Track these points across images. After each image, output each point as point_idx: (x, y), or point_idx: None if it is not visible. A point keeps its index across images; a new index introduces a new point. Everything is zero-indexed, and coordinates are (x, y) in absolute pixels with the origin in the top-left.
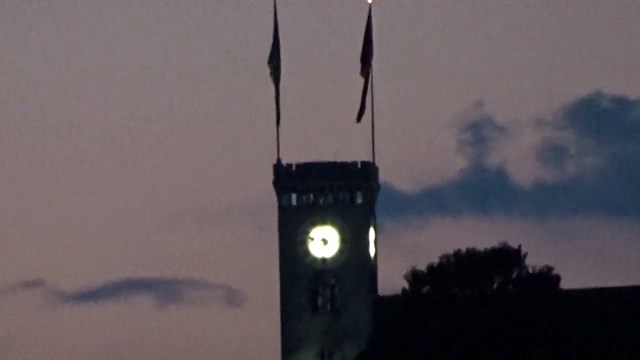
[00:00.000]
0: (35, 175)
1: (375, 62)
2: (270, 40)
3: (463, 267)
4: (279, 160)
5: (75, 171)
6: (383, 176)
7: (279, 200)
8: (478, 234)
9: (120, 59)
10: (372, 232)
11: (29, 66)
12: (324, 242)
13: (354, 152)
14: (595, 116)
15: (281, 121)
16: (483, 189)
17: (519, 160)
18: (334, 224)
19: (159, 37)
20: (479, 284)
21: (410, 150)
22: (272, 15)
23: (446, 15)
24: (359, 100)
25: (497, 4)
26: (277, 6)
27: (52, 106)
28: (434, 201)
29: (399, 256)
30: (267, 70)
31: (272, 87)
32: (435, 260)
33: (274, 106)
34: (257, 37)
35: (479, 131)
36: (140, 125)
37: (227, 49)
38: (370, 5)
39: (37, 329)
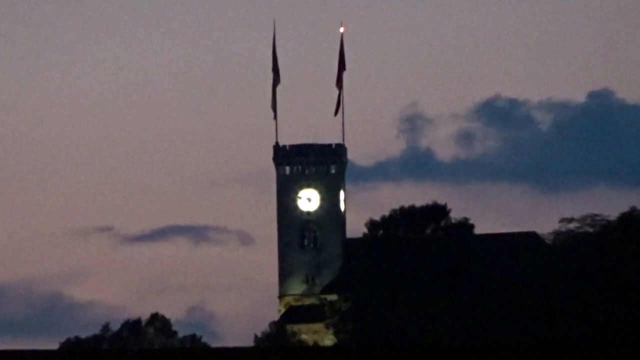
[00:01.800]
0: (107, 152)
1: (346, 75)
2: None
3: (406, 218)
4: (277, 142)
5: (137, 148)
6: (350, 155)
7: (277, 170)
8: (416, 195)
9: (156, 63)
10: (342, 193)
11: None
12: (308, 200)
13: (330, 137)
14: (495, 112)
15: (277, 114)
16: (418, 163)
17: (443, 142)
18: (315, 187)
19: (182, 40)
20: (418, 230)
21: (368, 136)
22: (271, 39)
23: (394, 41)
24: (335, 101)
25: (428, 34)
26: (276, 31)
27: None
28: (384, 172)
29: (360, 210)
30: (269, 76)
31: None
32: (387, 213)
33: (272, 105)
34: (264, 53)
35: (413, 122)
36: (180, 118)
37: (238, 60)
38: (342, 34)
39: (105, 264)
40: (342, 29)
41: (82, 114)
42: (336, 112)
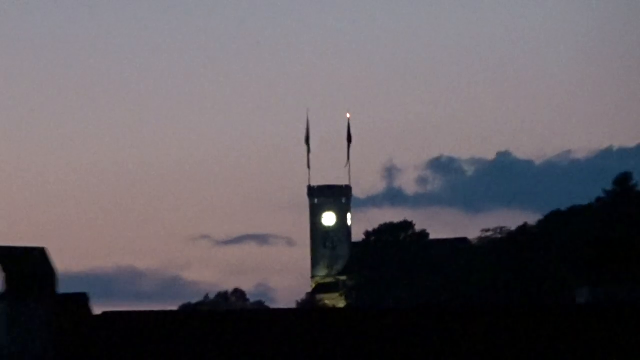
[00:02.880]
0: (208, 186)
1: (352, 146)
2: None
3: (388, 229)
4: (309, 184)
5: (228, 184)
6: (353, 191)
7: (310, 201)
8: (393, 216)
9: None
10: (349, 215)
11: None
12: (329, 219)
13: (342, 180)
14: (440, 165)
15: (310, 167)
16: (393, 196)
17: (408, 183)
18: (333, 211)
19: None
20: (395, 237)
21: (364, 180)
22: (305, 126)
23: (378, 122)
24: (345, 159)
25: (402, 116)
26: (309, 116)
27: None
28: (373, 202)
29: (360, 225)
30: (304, 147)
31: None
32: (376, 226)
33: (307, 161)
34: (300, 133)
35: (390, 171)
36: (256, 169)
37: (289, 141)
38: (348, 118)
39: (205, 258)
40: (348, 115)
41: (192, 163)
42: (346, 166)
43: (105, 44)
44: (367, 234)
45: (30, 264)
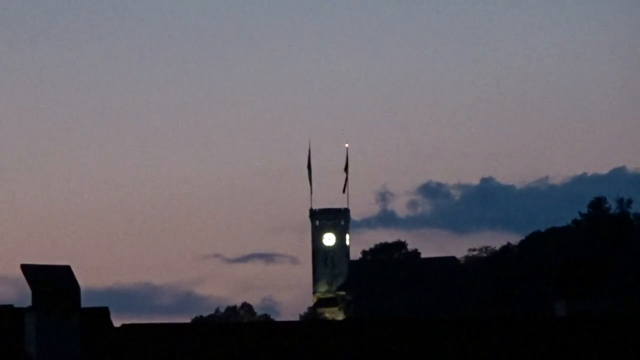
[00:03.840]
0: (219, 211)
1: (350, 171)
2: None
3: (382, 249)
4: (311, 207)
5: (240, 212)
6: (351, 214)
7: (312, 223)
8: (387, 237)
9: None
10: (347, 236)
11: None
12: (329, 239)
13: (341, 203)
14: (429, 190)
15: (312, 192)
16: (387, 219)
17: (401, 207)
18: (333, 232)
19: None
20: (390, 255)
21: (361, 204)
22: (307, 151)
23: (374, 150)
24: (343, 185)
25: (395, 146)
26: (311, 146)
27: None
28: (369, 224)
29: (358, 245)
30: (305, 173)
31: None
32: (372, 246)
33: (309, 186)
34: (302, 162)
35: (384, 196)
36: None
37: (289, 167)
38: (347, 148)
39: (216, 275)
40: (347, 145)
41: (205, 189)
42: (344, 191)
43: (130, 75)
44: (364, 253)
45: (55, 281)
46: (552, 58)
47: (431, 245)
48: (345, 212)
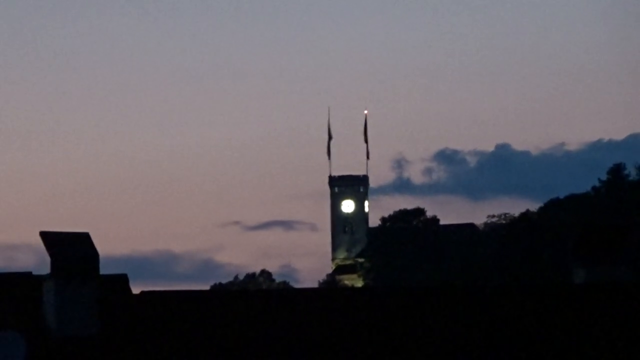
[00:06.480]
0: (239, 182)
1: (369, 140)
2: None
3: (401, 215)
4: (330, 174)
5: (261, 181)
6: (370, 181)
7: (331, 189)
8: (405, 203)
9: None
10: (366, 202)
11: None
12: (348, 206)
13: (360, 170)
14: (445, 157)
15: (331, 158)
16: (405, 185)
17: (417, 174)
18: (352, 199)
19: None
20: (408, 222)
21: (379, 171)
22: (327, 119)
23: (394, 118)
24: (365, 151)
25: (414, 111)
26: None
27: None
28: (386, 190)
29: (376, 211)
30: (325, 138)
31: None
32: (391, 213)
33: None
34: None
35: (400, 163)
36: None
37: (310, 130)
38: (366, 114)
39: (235, 242)
40: (366, 111)
41: (224, 156)
42: (367, 157)
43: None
44: (383, 219)
45: (74, 248)
46: (569, 23)
47: (448, 212)
48: (364, 178)
